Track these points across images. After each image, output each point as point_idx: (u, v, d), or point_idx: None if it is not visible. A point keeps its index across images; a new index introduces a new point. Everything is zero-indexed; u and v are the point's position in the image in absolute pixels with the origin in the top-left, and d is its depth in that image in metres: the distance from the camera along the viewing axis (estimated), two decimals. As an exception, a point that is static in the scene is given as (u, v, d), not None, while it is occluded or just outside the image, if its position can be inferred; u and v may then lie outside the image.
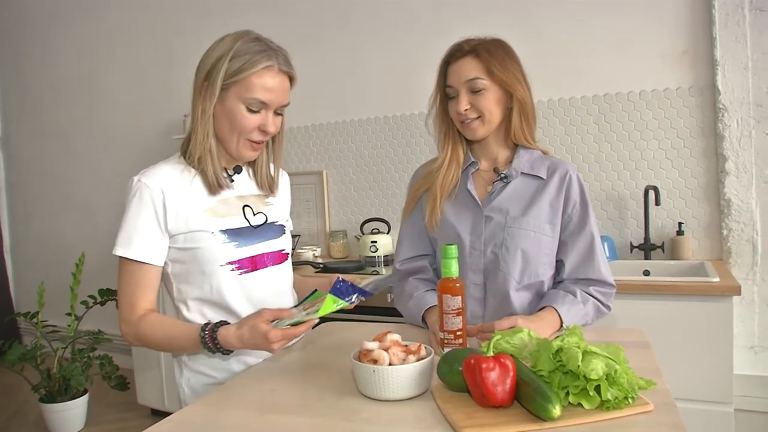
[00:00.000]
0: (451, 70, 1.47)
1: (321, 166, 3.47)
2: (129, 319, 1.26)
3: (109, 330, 3.36)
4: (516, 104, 1.47)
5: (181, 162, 1.33)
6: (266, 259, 1.39)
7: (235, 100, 1.26)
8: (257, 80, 1.24)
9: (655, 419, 0.91)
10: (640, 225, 2.70)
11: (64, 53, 4.37)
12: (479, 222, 1.49)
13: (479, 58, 1.43)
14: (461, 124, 1.48)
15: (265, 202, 1.44)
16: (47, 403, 3.08)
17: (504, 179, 1.50)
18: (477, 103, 1.44)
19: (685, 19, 2.59)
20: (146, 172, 1.29)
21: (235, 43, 1.26)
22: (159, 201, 1.26)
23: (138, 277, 1.26)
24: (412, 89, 3.17)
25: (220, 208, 1.33)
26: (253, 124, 1.28)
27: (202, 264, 1.29)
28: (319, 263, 3.01)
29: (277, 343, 1.16)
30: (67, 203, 4.48)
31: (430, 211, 1.52)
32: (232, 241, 1.31)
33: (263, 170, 1.43)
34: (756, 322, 2.53)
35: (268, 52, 1.26)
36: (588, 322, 1.45)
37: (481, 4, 2.97)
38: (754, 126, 2.48)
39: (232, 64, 1.24)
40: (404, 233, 1.63)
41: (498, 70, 1.42)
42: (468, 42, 1.47)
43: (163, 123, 3.94)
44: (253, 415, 1.02)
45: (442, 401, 1.00)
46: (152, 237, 1.25)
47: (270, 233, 1.41)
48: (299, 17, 3.39)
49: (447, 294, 1.20)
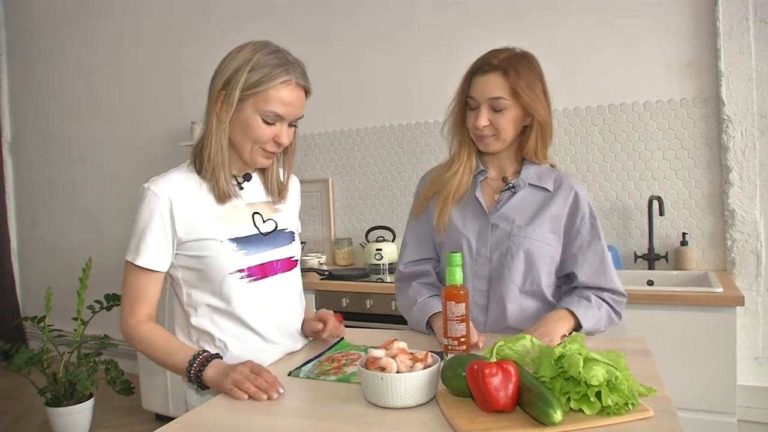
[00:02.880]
0: (476, 82, 1.47)
1: (327, 174, 3.49)
2: (128, 321, 1.30)
3: (115, 335, 3.37)
4: (535, 124, 1.49)
5: (192, 170, 1.35)
6: (276, 267, 1.39)
7: (252, 111, 1.27)
8: (275, 93, 1.26)
9: (655, 425, 0.92)
10: (644, 235, 2.71)
11: (71, 61, 4.41)
12: (485, 229, 1.51)
13: (506, 77, 1.42)
14: (477, 137, 1.50)
15: (274, 208, 1.44)
16: (53, 406, 3.09)
17: (512, 189, 1.52)
18: (496, 121, 1.45)
19: (690, 30, 2.61)
20: (156, 180, 1.30)
21: (254, 55, 1.26)
22: (166, 209, 1.27)
23: (142, 283, 1.29)
24: (417, 98, 3.20)
25: (229, 215, 1.34)
26: (267, 136, 1.29)
27: (211, 272, 1.30)
28: (324, 270, 3.03)
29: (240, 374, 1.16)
30: (73, 209, 4.51)
31: (439, 214, 1.54)
32: (241, 249, 1.32)
33: (274, 176, 1.44)
34: (760, 332, 2.53)
35: (287, 66, 1.27)
36: (600, 329, 1.47)
37: (484, 15, 2.99)
38: (758, 137, 2.49)
39: (250, 76, 1.25)
40: (410, 236, 1.65)
41: (523, 92, 1.42)
42: (497, 55, 1.46)
43: (169, 130, 3.98)
44: (261, 418, 1.04)
45: (445, 406, 1.02)
46: (159, 245, 1.27)
47: (280, 240, 1.42)
48: (304, 26, 3.42)
49: (451, 301, 1.21)
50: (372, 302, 2.77)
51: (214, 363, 1.22)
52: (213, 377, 1.20)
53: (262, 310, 1.36)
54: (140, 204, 1.29)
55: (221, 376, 1.18)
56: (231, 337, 1.34)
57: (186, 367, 1.24)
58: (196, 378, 1.22)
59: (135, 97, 4.15)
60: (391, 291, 2.74)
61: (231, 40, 1.34)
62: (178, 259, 1.32)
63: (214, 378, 1.20)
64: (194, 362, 1.23)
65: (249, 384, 1.14)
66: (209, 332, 1.33)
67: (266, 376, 1.16)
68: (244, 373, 1.16)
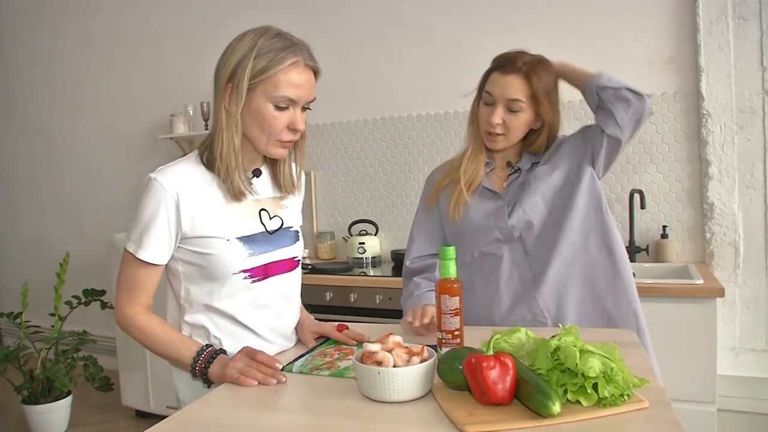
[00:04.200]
0: (496, 80, 1.51)
1: (309, 167, 3.47)
2: (125, 310, 1.27)
3: (93, 330, 3.33)
4: (545, 129, 1.55)
5: (200, 163, 1.29)
6: (279, 267, 1.36)
7: (263, 99, 1.22)
8: (284, 77, 1.21)
9: (651, 416, 0.93)
10: (625, 228, 2.75)
11: (50, 53, 4.32)
12: (502, 210, 1.56)
13: (529, 82, 1.48)
14: (486, 134, 1.54)
15: (280, 204, 1.40)
16: (30, 404, 3.04)
17: (518, 171, 1.59)
18: (509, 120, 1.50)
19: (671, 26, 2.65)
20: (163, 171, 1.25)
21: (257, 41, 1.22)
22: (172, 203, 1.22)
23: (142, 275, 1.26)
24: (401, 92, 3.19)
25: (237, 212, 1.30)
26: (282, 123, 1.24)
27: (214, 270, 1.27)
28: (307, 264, 3.02)
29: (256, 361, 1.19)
30: (52, 203, 4.43)
31: (455, 203, 1.57)
32: (248, 249, 1.29)
33: (285, 170, 1.39)
34: (737, 323, 2.58)
35: (293, 48, 1.22)
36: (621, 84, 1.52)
37: (469, 11, 3.00)
38: (736, 132, 2.54)
39: (257, 63, 1.20)
40: (418, 230, 1.68)
41: (541, 98, 1.49)
42: (521, 58, 1.50)
43: (149, 123, 3.91)
44: (257, 414, 1.03)
45: (442, 399, 1.02)
46: (162, 239, 1.24)
47: (285, 240, 1.38)
48: (287, 19, 3.31)
49: (445, 294, 1.21)
50: (356, 296, 2.77)
51: (220, 359, 1.21)
52: (218, 373, 1.19)
53: (259, 311, 1.34)
54: (145, 194, 1.23)
55: (225, 369, 1.18)
56: (226, 334, 1.31)
57: (191, 363, 1.22)
58: (202, 374, 1.21)
59: (114, 90, 4.08)
60: (374, 285, 2.74)
61: (213, 33, 1.30)
62: (180, 253, 1.28)
63: (219, 374, 1.19)
64: (199, 358, 1.21)
65: (255, 371, 1.15)
66: (204, 327, 1.30)
67: (261, 357, 1.19)
68: (245, 360, 1.17)
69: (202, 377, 1.22)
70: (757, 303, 2.55)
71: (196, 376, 1.22)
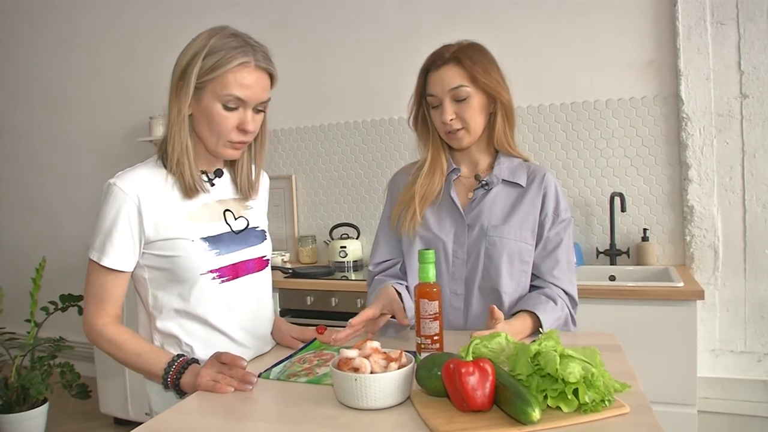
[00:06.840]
0: (432, 79, 1.46)
1: (290, 170, 3.44)
2: (94, 322, 1.25)
3: (70, 337, 3.26)
4: (500, 108, 1.48)
5: (159, 165, 1.28)
6: (248, 267, 1.35)
7: (211, 98, 1.21)
8: (232, 76, 1.19)
9: (632, 421, 0.92)
10: (606, 231, 2.75)
11: (21, 52, 4.25)
12: (462, 231, 1.49)
13: (462, 66, 1.42)
14: (447, 134, 1.48)
15: (245, 205, 1.39)
16: (4, 413, 2.97)
17: (485, 186, 1.51)
18: (462, 112, 1.44)
19: (650, 30, 2.66)
20: (122, 176, 1.24)
21: (210, 40, 1.21)
22: (134, 207, 1.21)
23: (109, 284, 1.24)
24: (381, 95, 3.17)
25: (200, 213, 1.29)
26: (231, 124, 1.23)
27: (181, 272, 1.25)
28: (288, 269, 2.99)
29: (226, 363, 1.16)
30: (27, 207, 4.35)
31: (410, 219, 1.51)
32: (213, 248, 1.27)
33: (244, 172, 1.38)
34: (717, 325, 2.59)
35: (245, 48, 1.21)
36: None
37: (448, 11, 2.99)
38: (715, 135, 2.55)
39: (206, 61, 1.19)
40: (382, 235, 1.63)
41: (482, 76, 1.42)
42: (447, 49, 1.45)
43: (126, 125, 3.86)
44: (229, 423, 1.00)
45: (421, 406, 1.00)
46: (125, 245, 1.22)
47: (252, 239, 1.37)
48: (266, 20, 3.36)
49: (424, 299, 1.19)
50: (337, 300, 2.74)
51: (192, 368, 1.19)
52: (191, 383, 1.17)
53: (232, 312, 1.32)
54: (105, 200, 1.22)
55: (197, 378, 1.15)
56: (198, 340, 1.29)
57: (162, 375, 1.19)
58: (174, 385, 1.18)
59: (91, 91, 4.02)
60: (356, 289, 2.72)
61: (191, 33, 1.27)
62: (145, 259, 1.26)
63: (191, 384, 1.16)
64: (170, 369, 1.19)
65: (229, 378, 1.13)
66: (175, 336, 1.28)
67: (225, 357, 1.16)
68: (216, 365, 1.15)
69: (174, 389, 1.19)
70: (735, 305, 2.57)
71: (168, 387, 1.20)
